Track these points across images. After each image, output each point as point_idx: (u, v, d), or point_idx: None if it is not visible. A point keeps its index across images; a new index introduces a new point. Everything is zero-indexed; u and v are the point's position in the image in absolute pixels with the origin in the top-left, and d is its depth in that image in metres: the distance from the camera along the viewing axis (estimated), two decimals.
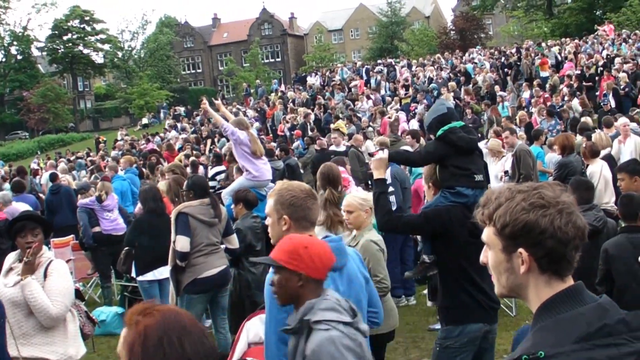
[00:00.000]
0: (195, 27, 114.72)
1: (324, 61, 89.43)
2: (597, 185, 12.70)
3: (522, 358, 2.80)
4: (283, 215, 5.30)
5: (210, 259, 10.47)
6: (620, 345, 2.78)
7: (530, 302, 3.05)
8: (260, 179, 14.04)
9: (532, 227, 2.90)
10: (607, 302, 2.94)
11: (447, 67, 47.91)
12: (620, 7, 64.84)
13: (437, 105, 8.05)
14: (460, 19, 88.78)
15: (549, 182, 3.10)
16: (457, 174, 7.29)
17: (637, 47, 41.61)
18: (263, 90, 58.41)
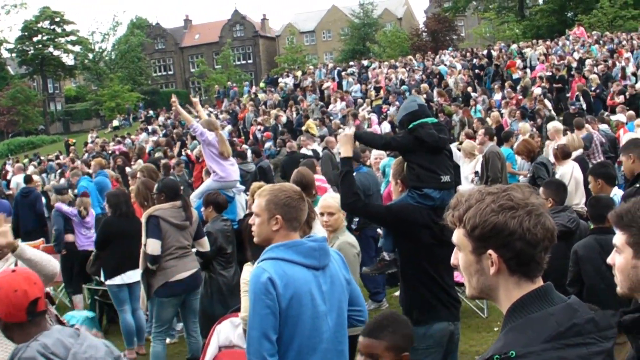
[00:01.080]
0: (167, 29, 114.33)
1: (296, 63, 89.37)
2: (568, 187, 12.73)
3: (494, 358, 2.81)
4: (276, 215, 5.38)
5: (181, 262, 10.46)
6: (590, 344, 2.82)
7: (501, 303, 3.06)
8: (228, 180, 14.04)
9: (501, 228, 2.91)
10: (576, 303, 2.97)
11: (419, 69, 47.99)
12: (591, 9, 65.21)
13: (409, 102, 8.03)
14: (432, 20, 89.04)
15: (518, 184, 3.12)
16: (422, 175, 7.26)
17: (607, 49, 41.84)
18: (235, 92, 58.29)
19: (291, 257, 5.26)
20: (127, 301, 12.25)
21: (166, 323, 10.69)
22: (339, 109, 38.28)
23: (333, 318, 5.43)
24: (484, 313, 12.61)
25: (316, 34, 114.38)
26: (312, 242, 5.43)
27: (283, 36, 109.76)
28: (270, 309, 5.05)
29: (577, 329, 2.83)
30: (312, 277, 5.31)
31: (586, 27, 56.75)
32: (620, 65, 35.55)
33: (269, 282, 5.07)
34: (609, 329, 2.93)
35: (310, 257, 5.33)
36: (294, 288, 5.15)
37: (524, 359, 2.77)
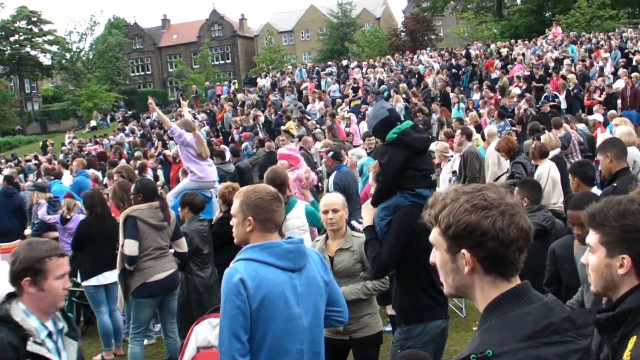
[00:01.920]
0: (145, 29, 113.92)
1: (274, 63, 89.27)
2: (545, 186, 12.76)
3: (470, 357, 2.81)
4: (248, 216, 5.39)
5: (159, 262, 10.43)
6: (566, 342, 2.83)
7: (477, 302, 3.08)
8: (205, 180, 14.06)
9: (474, 228, 2.92)
10: (553, 301, 2.98)
11: (397, 69, 48.02)
12: (569, 8, 65.47)
13: (377, 109, 7.99)
14: (410, 20, 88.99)
15: (494, 184, 3.11)
16: (415, 176, 7.31)
17: (585, 49, 42.00)
18: (213, 92, 58.18)
19: (265, 258, 5.26)
20: (104, 302, 12.21)
21: (144, 324, 10.66)
22: (318, 109, 38.29)
23: (308, 320, 5.42)
24: (462, 312, 12.62)
25: (294, 33, 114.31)
26: (288, 244, 5.41)
27: (261, 36, 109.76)
28: (240, 310, 5.06)
29: (553, 327, 2.84)
30: (287, 278, 5.31)
31: (564, 27, 57.04)
32: (598, 65, 35.65)
33: (240, 282, 5.08)
34: (585, 327, 2.94)
35: (285, 259, 5.32)
36: (266, 289, 5.15)
37: (501, 358, 2.77)
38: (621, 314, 3.44)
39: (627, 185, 6.86)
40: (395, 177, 7.55)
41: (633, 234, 3.40)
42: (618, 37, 43.43)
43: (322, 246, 8.24)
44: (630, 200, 3.52)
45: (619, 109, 28.52)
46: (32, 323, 4.89)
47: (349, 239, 8.21)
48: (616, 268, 3.46)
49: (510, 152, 14.63)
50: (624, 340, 3.42)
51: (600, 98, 29.88)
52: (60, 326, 5.14)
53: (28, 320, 4.87)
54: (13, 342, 4.69)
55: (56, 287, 5.00)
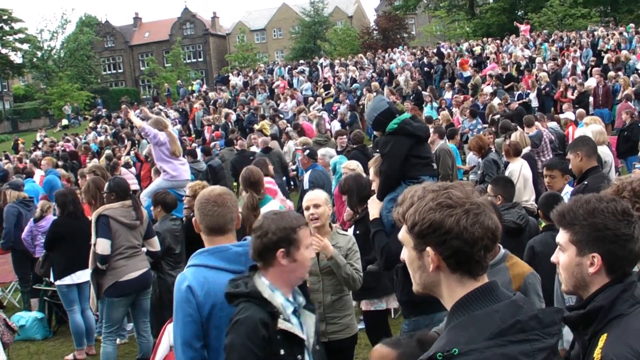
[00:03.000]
0: (116, 27, 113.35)
1: (246, 61, 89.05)
2: (517, 183, 12.83)
3: (437, 356, 2.82)
4: (196, 219, 5.43)
5: (131, 261, 10.43)
6: (533, 341, 2.84)
7: (444, 300, 3.10)
8: (179, 179, 14.03)
9: (438, 226, 2.94)
10: (521, 299, 3.00)
11: (369, 67, 48.05)
12: (541, 7, 65.62)
13: (377, 102, 8.10)
14: (382, 18, 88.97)
15: (461, 182, 3.13)
16: (419, 164, 7.40)
17: (557, 47, 42.15)
18: (185, 90, 58.01)
19: (215, 263, 5.21)
20: (77, 301, 12.17)
21: (117, 323, 10.65)
22: (290, 107, 38.28)
23: None
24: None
25: (267, 32, 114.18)
26: (237, 248, 5.34)
27: (233, 34, 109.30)
28: (191, 317, 5.03)
29: (520, 325, 2.85)
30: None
31: (536, 26, 57.26)
32: (570, 64, 35.80)
33: (188, 290, 5.05)
34: (552, 326, 2.96)
35: (235, 263, 5.25)
36: (215, 295, 5.06)
37: (467, 356, 2.78)
38: (592, 312, 3.46)
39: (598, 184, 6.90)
40: (400, 166, 7.60)
41: (602, 232, 3.42)
42: (590, 36, 43.60)
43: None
44: (599, 198, 3.55)
45: (590, 108, 28.67)
46: (277, 299, 4.79)
47: (334, 235, 8.17)
48: (586, 266, 3.48)
49: (482, 150, 14.69)
50: (594, 337, 3.44)
51: (572, 96, 30.03)
52: (300, 300, 5.05)
53: (274, 295, 4.79)
54: (264, 319, 4.62)
55: (306, 257, 4.93)
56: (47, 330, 14.01)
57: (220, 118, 37.29)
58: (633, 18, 61.31)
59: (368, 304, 9.46)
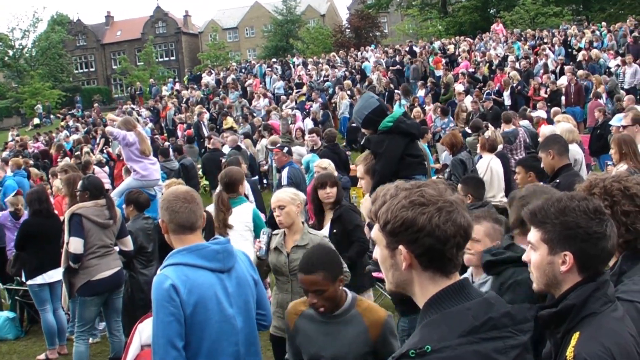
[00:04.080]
0: (88, 25, 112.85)
1: (218, 60, 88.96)
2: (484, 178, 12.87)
3: (410, 353, 2.84)
4: (162, 218, 5.40)
5: (103, 261, 10.38)
6: (506, 338, 2.88)
7: (417, 298, 3.11)
8: (149, 179, 14.02)
9: (410, 224, 2.94)
10: (493, 297, 3.03)
11: (341, 66, 48.06)
12: (513, 5, 65.90)
13: (367, 100, 8.10)
14: (355, 17, 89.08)
15: (434, 180, 3.14)
16: (413, 163, 7.39)
17: (529, 46, 42.30)
18: (157, 89, 57.81)
19: (194, 261, 5.21)
20: (49, 301, 12.11)
21: (89, 322, 10.60)
22: (262, 106, 38.25)
23: (241, 320, 5.41)
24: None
25: (239, 30, 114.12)
26: (215, 245, 5.37)
27: (206, 33, 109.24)
28: (174, 316, 4.99)
29: (492, 322, 2.88)
30: (217, 280, 5.27)
31: (508, 24, 57.47)
32: (543, 62, 35.93)
33: (171, 289, 5.01)
34: (525, 323, 2.99)
35: (214, 260, 5.28)
36: (198, 293, 5.10)
37: (440, 353, 2.80)
38: (564, 310, 3.46)
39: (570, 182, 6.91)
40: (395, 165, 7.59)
41: (574, 230, 3.43)
42: (562, 34, 43.80)
43: (280, 241, 8.20)
44: (570, 197, 3.55)
45: (563, 106, 28.79)
46: None
47: (305, 236, 8.11)
48: (558, 265, 3.49)
49: (454, 148, 14.70)
50: (566, 336, 3.45)
51: (544, 95, 30.16)
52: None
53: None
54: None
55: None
56: (19, 330, 13.93)
57: (192, 117, 37.20)
58: (605, 16, 61.61)
59: None
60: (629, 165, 9.62)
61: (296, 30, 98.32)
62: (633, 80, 31.06)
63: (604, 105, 24.44)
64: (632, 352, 3.35)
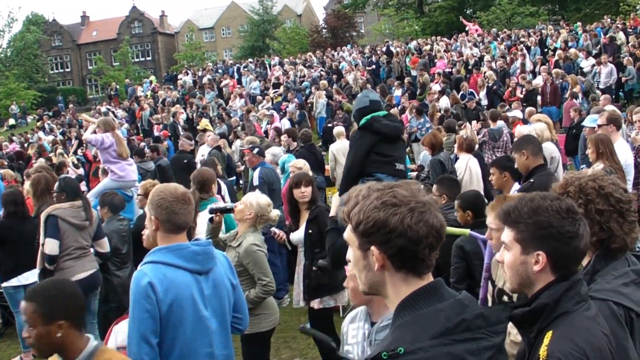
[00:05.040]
0: (64, 25, 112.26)
1: (195, 60, 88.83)
2: (462, 179, 12.88)
3: (382, 355, 2.83)
4: (152, 216, 5.38)
5: (79, 262, 10.36)
6: (479, 339, 2.88)
7: (390, 300, 3.10)
8: (126, 180, 14.00)
9: (382, 225, 2.94)
10: (466, 298, 3.02)
11: (318, 66, 48.08)
12: (489, 5, 66.33)
13: (361, 98, 8.26)
14: (331, 17, 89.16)
15: (407, 181, 3.13)
16: (378, 161, 7.41)
17: (505, 46, 42.44)
18: (133, 89, 57.62)
19: (173, 260, 5.25)
20: None
21: None
22: (239, 106, 38.20)
23: (216, 322, 5.45)
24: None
25: (215, 30, 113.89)
26: (195, 246, 5.41)
27: (182, 33, 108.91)
28: (149, 313, 5.04)
29: (466, 324, 2.87)
30: (194, 281, 5.32)
31: (485, 24, 57.70)
32: (519, 62, 36.04)
33: (149, 286, 5.06)
34: (498, 324, 2.99)
35: (193, 262, 5.33)
36: (174, 293, 5.15)
37: (413, 355, 2.79)
38: (537, 310, 3.48)
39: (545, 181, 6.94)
40: (360, 162, 7.62)
41: (547, 230, 3.43)
42: (538, 34, 43.97)
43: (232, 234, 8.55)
44: (543, 197, 3.56)
45: (539, 106, 28.89)
46: None
47: (240, 238, 8.32)
48: (531, 265, 3.49)
49: (434, 148, 14.71)
50: (540, 335, 3.46)
51: (520, 95, 30.26)
52: None
53: None
54: None
55: None
56: None
57: (168, 117, 37.11)
58: (581, 16, 61.99)
59: (320, 302, 9.43)
60: (605, 165, 9.69)
61: (272, 30, 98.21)
62: (608, 80, 31.24)
63: (580, 105, 24.53)
64: (605, 350, 3.37)
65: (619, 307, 3.90)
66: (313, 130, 31.47)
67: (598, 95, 26.90)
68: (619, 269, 4.10)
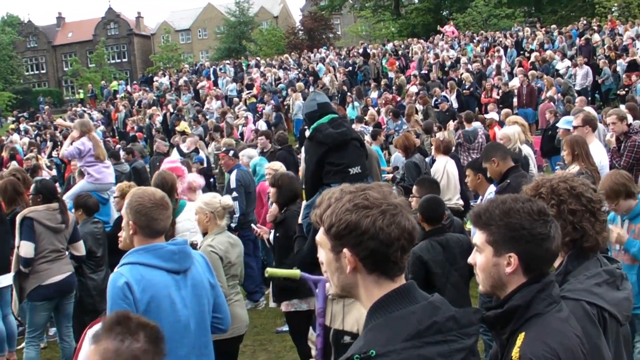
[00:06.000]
0: (39, 27, 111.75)
1: (171, 62, 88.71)
2: (441, 181, 12.91)
3: (354, 357, 2.84)
4: (129, 220, 5.36)
5: (55, 265, 10.26)
6: (451, 342, 2.89)
7: (362, 302, 3.11)
8: (102, 182, 13.93)
9: (354, 227, 2.95)
10: (438, 300, 3.04)
11: (294, 67, 48.08)
12: (466, 7, 66.49)
13: (309, 101, 8.22)
14: (308, 19, 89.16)
15: (378, 183, 3.15)
16: (331, 171, 7.41)
17: (482, 48, 42.57)
18: (109, 91, 57.47)
19: (150, 261, 5.23)
20: None
21: (40, 327, 10.48)
22: (215, 108, 38.15)
23: (195, 322, 5.42)
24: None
25: (192, 32, 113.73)
26: (171, 246, 5.40)
27: (158, 34, 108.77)
28: None
29: (437, 326, 2.88)
30: (172, 281, 5.29)
31: (461, 26, 57.89)
32: (495, 64, 36.16)
33: (125, 286, 5.04)
34: (470, 326, 3.00)
35: (170, 261, 5.30)
36: (151, 292, 5.12)
37: (384, 357, 2.80)
38: (509, 311, 3.49)
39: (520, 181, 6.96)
40: (314, 174, 7.64)
41: (519, 232, 3.44)
42: (514, 36, 44.15)
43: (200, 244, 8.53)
44: (514, 199, 3.57)
45: (515, 107, 29.01)
46: None
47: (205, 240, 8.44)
48: (503, 267, 3.50)
49: (407, 151, 14.70)
50: (512, 336, 3.48)
51: (497, 96, 30.38)
52: None
53: None
54: None
55: None
56: None
57: (144, 119, 37.01)
58: (557, 18, 62.34)
59: (288, 305, 9.42)
60: (580, 167, 9.73)
61: (249, 32, 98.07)
62: (584, 82, 31.46)
63: (555, 107, 24.65)
64: (577, 352, 3.38)
65: (592, 307, 3.93)
66: (290, 132, 31.51)
67: (575, 96, 27.02)
68: (591, 269, 4.14)
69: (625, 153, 11.63)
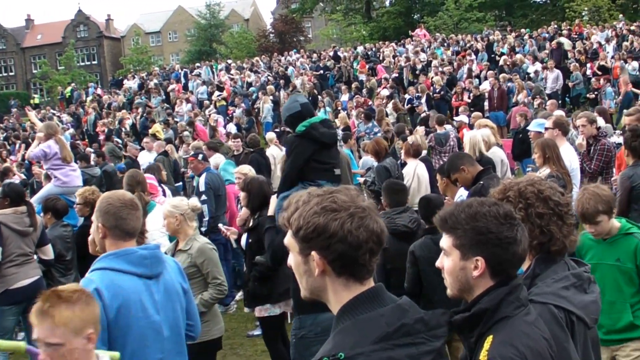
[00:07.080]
0: (7, 28, 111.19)
1: (141, 64, 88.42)
2: (411, 185, 12.92)
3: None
4: (99, 223, 5.30)
5: (22, 269, 10.22)
6: (419, 344, 2.91)
7: (331, 305, 3.12)
8: (70, 185, 13.86)
9: (322, 230, 2.95)
10: (407, 303, 3.05)
11: (265, 71, 48.04)
12: (437, 11, 66.78)
13: (291, 103, 8.26)
14: (279, 22, 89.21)
15: (346, 186, 3.17)
16: (319, 169, 7.47)
17: (452, 51, 42.69)
18: (79, 94, 57.15)
19: (121, 266, 5.17)
20: None
21: (7, 332, 10.37)
22: (185, 111, 38.05)
23: (168, 328, 5.37)
24: None
25: (162, 34, 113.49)
26: (143, 250, 5.35)
27: (128, 37, 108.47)
28: None
29: (406, 329, 2.90)
30: (144, 286, 5.24)
31: (432, 29, 58.04)
32: (466, 67, 36.27)
33: (95, 293, 4.94)
34: (438, 328, 3.02)
35: (141, 266, 5.25)
36: (122, 297, 5.06)
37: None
38: (477, 315, 3.48)
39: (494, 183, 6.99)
40: (299, 169, 7.68)
41: (485, 235, 3.45)
42: (485, 40, 44.32)
43: (171, 247, 8.58)
44: (481, 202, 3.58)
45: (486, 111, 29.11)
46: None
47: (189, 241, 8.38)
48: (471, 270, 3.51)
49: (378, 155, 14.72)
50: (480, 339, 3.47)
51: (468, 100, 30.48)
52: None
53: None
54: None
55: None
56: None
57: (114, 122, 36.87)
58: (527, 22, 62.67)
59: (261, 310, 9.43)
60: (551, 170, 9.78)
61: (220, 35, 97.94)
62: (555, 85, 31.62)
63: (528, 111, 24.77)
64: (545, 355, 3.39)
65: (560, 310, 3.94)
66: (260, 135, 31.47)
67: (546, 99, 27.15)
68: (559, 273, 4.14)
69: (595, 156, 11.72)
